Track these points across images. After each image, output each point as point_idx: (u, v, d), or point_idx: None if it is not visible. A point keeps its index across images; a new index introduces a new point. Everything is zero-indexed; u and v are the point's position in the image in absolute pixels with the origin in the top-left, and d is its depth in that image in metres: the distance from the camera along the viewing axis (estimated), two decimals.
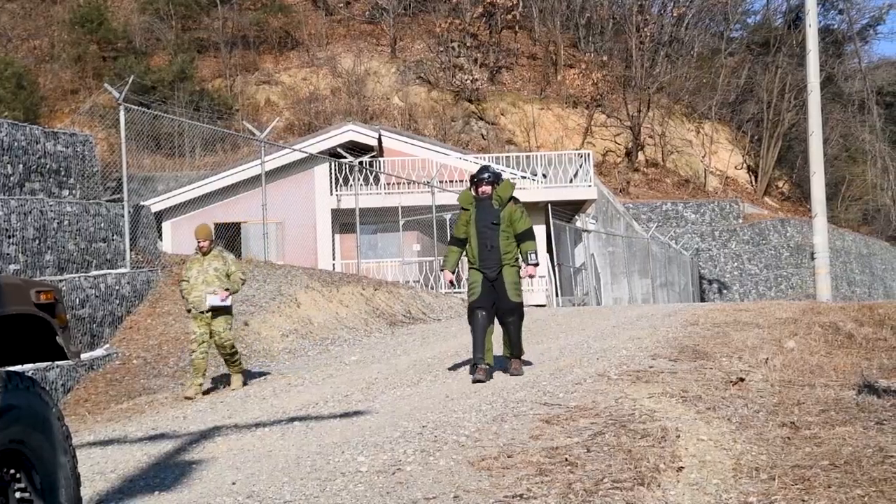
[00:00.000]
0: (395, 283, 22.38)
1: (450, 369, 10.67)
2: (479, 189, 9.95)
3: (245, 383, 11.32)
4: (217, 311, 11.14)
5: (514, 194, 10.04)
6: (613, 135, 49.20)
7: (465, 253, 10.10)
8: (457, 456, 6.22)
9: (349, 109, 43.85)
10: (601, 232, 35.73)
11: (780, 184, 55.09)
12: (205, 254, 11.34)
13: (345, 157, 27.31)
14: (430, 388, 9.52)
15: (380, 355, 13.02)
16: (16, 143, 14.46)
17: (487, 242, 9.82)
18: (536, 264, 9.94)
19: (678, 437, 6.38)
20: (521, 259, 9.98)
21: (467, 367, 10.27)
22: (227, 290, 11.20)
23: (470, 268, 10.04)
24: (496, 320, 10.00)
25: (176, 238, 27.12)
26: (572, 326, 15.26)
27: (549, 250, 29.30)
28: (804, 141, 35.94)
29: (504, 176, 10.53)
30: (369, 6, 51.30)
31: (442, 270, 10.46)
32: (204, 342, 11.09)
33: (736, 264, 44.22)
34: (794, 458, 5.75)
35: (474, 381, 9.50)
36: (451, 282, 10.26)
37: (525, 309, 10.41)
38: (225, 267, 11.27)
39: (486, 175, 9.96)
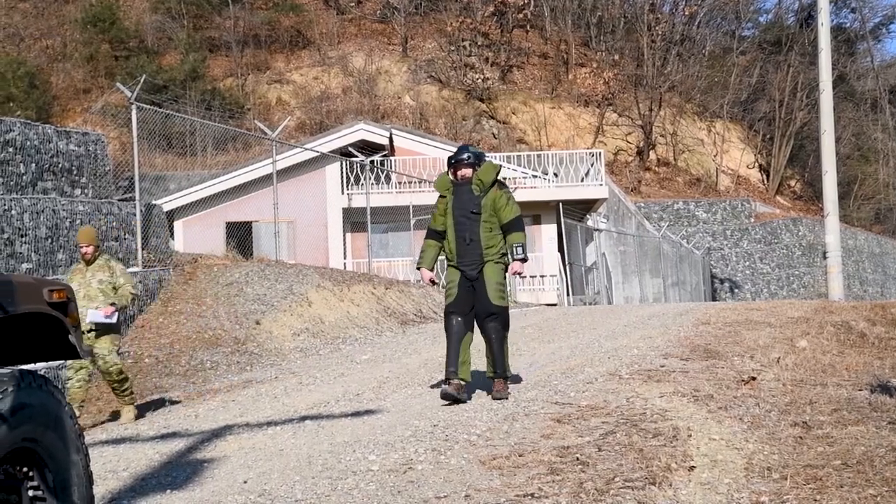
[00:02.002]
0: (406, 282, 22.39)
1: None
2: (458, 173, 8.57)
3: (138, 416, 9.83)
4: (101, 331, 9.67)
5: (498, 177, 8.66)
6: (625, 134, 49.12)
7: (443, 248, 8.72)
8: (468, 455, 6.22)
9: (360, 108, 43.87)
10: (612, 231, 35.68)
11: (792, 183, 54.93)
12: (88, 262, 9.86)
13: (356, 157, 27.34)
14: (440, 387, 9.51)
15: (391, 354, 13.03)
16: (28, 143, 14.52)
17: (466, 235, 8.42)
18: (524, 259, 8.53)
19: (690, 436, 6.37)
20: (507, 255, 8.57)
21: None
22: (112, 304, 9.70)
23: (448, 265, 8.65)
24: (476, 328, 8.62)
25: (188, 237, 27.21)
26: (583, 325, 15.25)
27: (561, 249, 29.29)
28: (816, 140, 35.82)
29: (487, 157, 9.11)
30: (380, 5, 51.32)
31: (418, 268, 8.91)
32: (83, 368, 9.52)
33: (748, 263, 44.11)
34: (806, 457, 5.73)
35: (443, 396, 8.25)
36: (431, 280, 8.82)
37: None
38: (112, 279, 9.83)
39: (465, 156, 8.55)
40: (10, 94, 33.70)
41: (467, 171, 8.51)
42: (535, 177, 30.26)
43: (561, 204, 29.03)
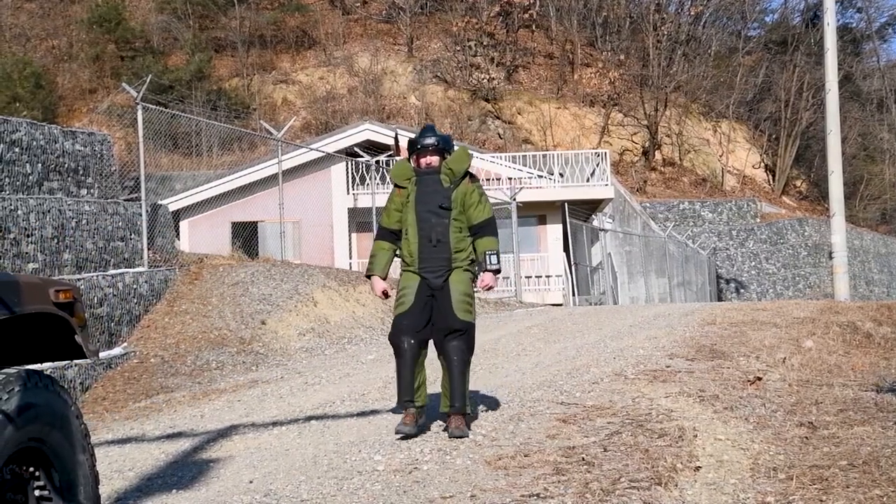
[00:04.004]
0: None
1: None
2: (423, 160, 7.16)
3: None
4: None
5: (470, 169, 7.23)
6: (630, 134, 49.08)
7: (398, 250, 7.25)
8: (473, 455, 6.23)
9: (366, 109, 43.90)
10: (618, 231, 35.66)
11: (798, 183, 54.85)
12: None
13: (362, 157, 27.35)
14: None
15: None
16: (34, 143, 14.54)
17: (432, 235, 7.01)
18: (498, 270, 7.11)
19: (695, 436, 6.37)
20: (479, 262, 7.15)
21: (487, 366, 10.17)
22: None
23: (404, 270, 7.16)
24: (433, 345, 7.13)
25: (193, 237, 27.24)
26: (589, 326, 15.24)
27: (566, 249, 29.29)
28: (822, 140, 35.80)
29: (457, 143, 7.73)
30: (386, 5, 51.31)
31: (369, 277, 7.32)
32: None
33: (753, 263, 44.04)
34: (811, 457, 5.73)
35: (397, 433, 6.91)
36: (384, 293, 7.20)
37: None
38: None
39: (431, 140, 7.13)
40: (16, 94, 33.79)
41: (434, 159, 7.14)
42: (540, 177, 30.24)
43: (566, 204, 29.00)
